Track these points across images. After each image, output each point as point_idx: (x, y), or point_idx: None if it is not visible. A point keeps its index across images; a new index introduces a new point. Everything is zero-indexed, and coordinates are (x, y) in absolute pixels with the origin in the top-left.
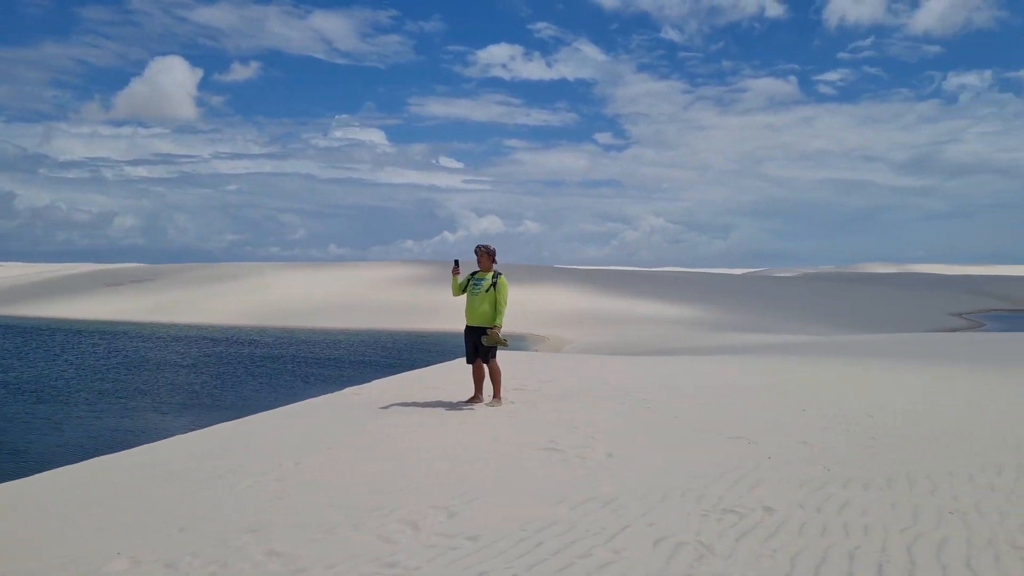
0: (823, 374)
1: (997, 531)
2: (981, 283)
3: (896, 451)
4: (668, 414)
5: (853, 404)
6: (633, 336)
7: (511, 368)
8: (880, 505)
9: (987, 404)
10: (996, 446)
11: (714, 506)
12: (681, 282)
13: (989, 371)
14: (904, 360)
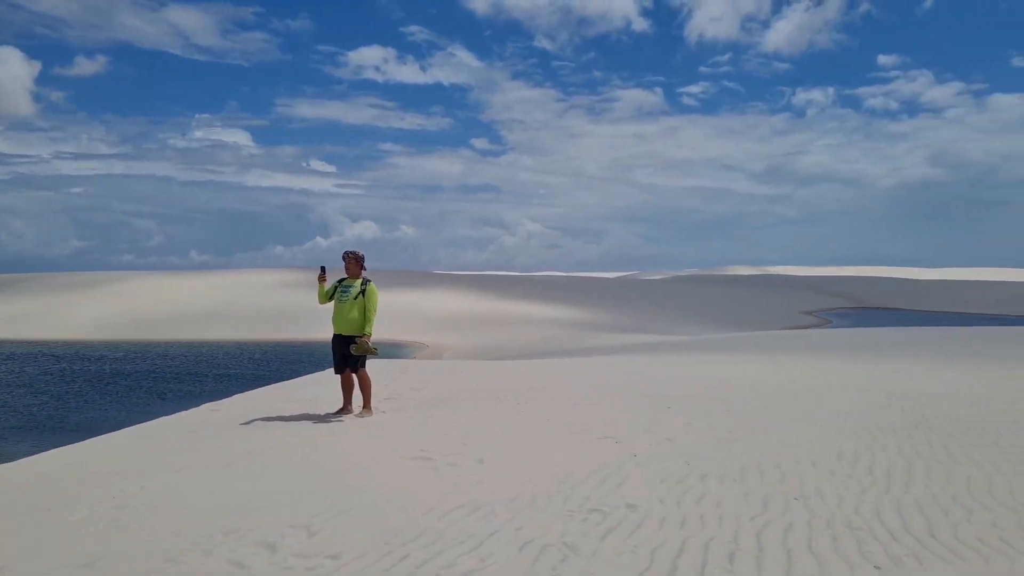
0: (687, 372)
1: (835, 513)
2: (829, 284)
3: (750, 443)
4: (541, 417)
5: (713, 400)
6: (514, 339)
7: (385, 377)
8: (734, 495)
9: (829, 394)
10: (836, 433)
11: (580, 506)
12: (559, 286)
13: (831, 362)
14: (759, 355)
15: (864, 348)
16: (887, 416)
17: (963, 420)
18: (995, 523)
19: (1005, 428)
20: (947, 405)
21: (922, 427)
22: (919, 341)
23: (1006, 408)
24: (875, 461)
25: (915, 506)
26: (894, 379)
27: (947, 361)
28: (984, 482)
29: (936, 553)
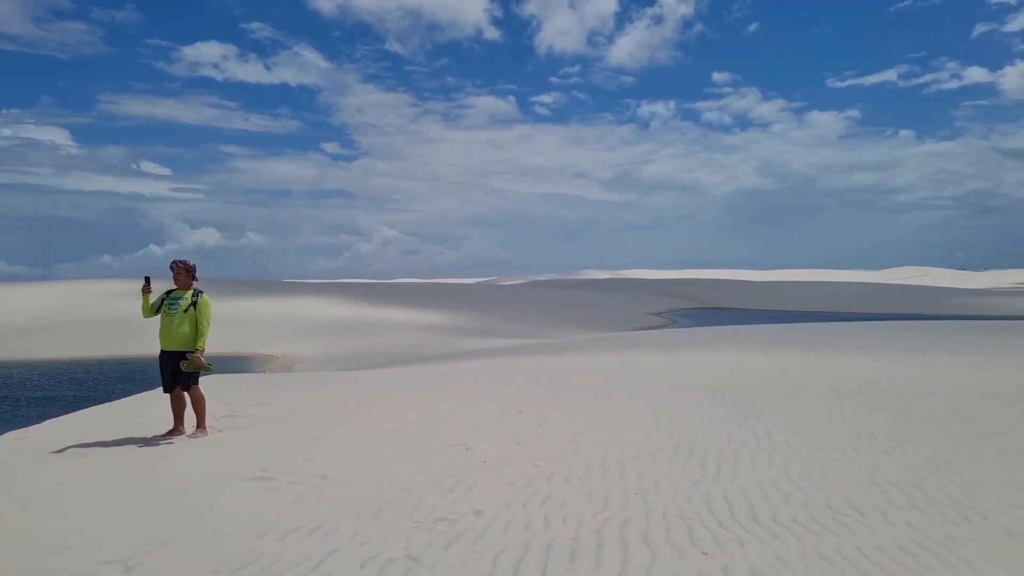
0: (541, 374)
1: (669, 505)
2: (674, 286)
3: (595, 442)
4: (392, 427)
5: (564, 402)
6: (374, 346)
7: (224, 394)
8: (578, 494)
9: (671, 391)
10: (676, 428)
11: (427, 516)
12: (419, 291)
13: (676, 359)
14: (611, 354)
15: (705, 344)
16: (721, 410)
17: (786, 410)
18: (807, 503)
19: (824, 416)
20: (774, 396)
21: (750, 418)
22: (753, 337)
23: (828, 397)
24: (707, 453)
25: (740, 493)
26: (730, 374)
27: (777, 353)
28: (800, 467)
29: (756, 535)
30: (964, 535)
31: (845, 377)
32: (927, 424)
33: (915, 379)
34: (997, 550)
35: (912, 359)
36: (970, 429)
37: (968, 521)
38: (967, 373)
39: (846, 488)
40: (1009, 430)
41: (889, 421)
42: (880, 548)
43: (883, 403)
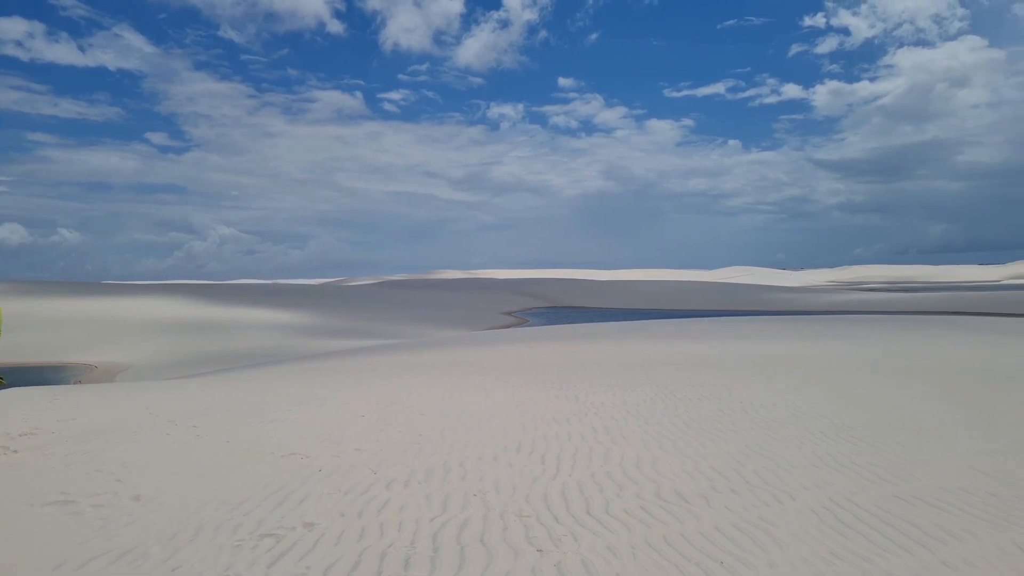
0: (392, 378)
1: (508, 504)
2: (525, 285)
3: (439, 444)
4: (220, 439)
5: (410, 404)
6: (212, 350)
7: (23, 409)
8: (416, 499)
9: (519, 391)
10: (518, 427)
11: (252, 533)
12: (266, 291)
13: (525, 358)
14: (463, 355)
15: (552, 342)
16: (565, 406)
17: (623, 405)
18: (639, 494)
19: (658, 409)
20: (613, 391)
21: (590, 414)
22: (597, 333)
23: (662, 391)
24: (548, 450)
25: (577, 487)
26: (574, 372)
27: (619, 348)
28: (634, 459)
29: (590, 528)
30: (775, 515)
31: (678, 365)
32: (748, 412)
33: (737, 368)
34: (802, 527)
35: (734, 349)
36: (783, 415)
37: (779, 502)
38: (781, 361)
39: (674, 477)
40: (819, 414)
41: (715, 411)
42: (702, 533)
43: (709, 394)
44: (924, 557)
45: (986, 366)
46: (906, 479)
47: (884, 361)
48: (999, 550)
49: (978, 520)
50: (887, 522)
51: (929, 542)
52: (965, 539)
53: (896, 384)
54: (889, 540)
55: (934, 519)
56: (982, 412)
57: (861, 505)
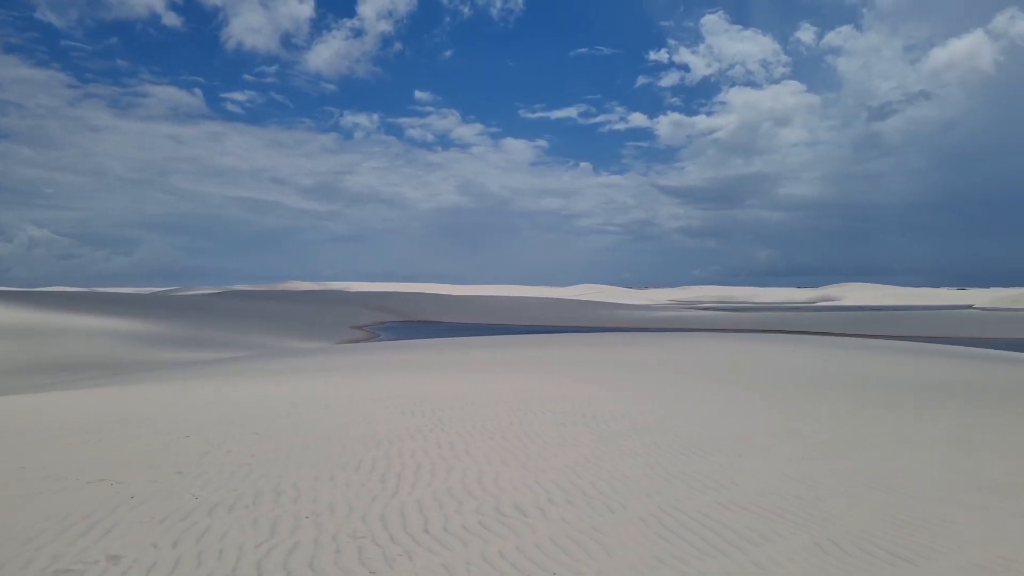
0: (225, 394)
1: (343, 525)
2: (378, 298)
3: (272, 465)
4: (14, 465)
5: (244, 423)
6: (28, 360)
7: None
8: (242, 524)
9: (365, 407)
10: (360, 444)
11: (44, 570)
12: (97, 299)
13: (372, 375)
14: (307, 370)
15: (402, 357)
16: (411, 422)
17: (471, 420)
18: (478, 510)
19: (504, 423)
20: (463, 406)
21: (436, 429)
22: (449, 346)
23: (515, 404)
24: (390, 467)
25: (416, 505)
26: (422, 388)
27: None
28: (477, 474)
29: (426, 546)
30: (607, 525)
31: (527, 382)
32: (590, 426)
33: (584, 382)
34: (631, 535)
35: (583, 363)
36: (623, 428)
37: (612, 512)
38: (625, 376)
39: (514, 491)
40: (657, 427)
41: (559, 425)
42: (537, 545)
43: (554, 407)
44: (738, 559)
45: (803, 377)
46: (727, 486)
47: (719, 372)
48: (801, 548)
49: (786, 522)
50: (708, 527)
51: (743, 544)
52: (774, 540)
53: (726, 396)
54: (708, 544)
55: (749, 523)
56: (795, 422)
57: (686, 512)
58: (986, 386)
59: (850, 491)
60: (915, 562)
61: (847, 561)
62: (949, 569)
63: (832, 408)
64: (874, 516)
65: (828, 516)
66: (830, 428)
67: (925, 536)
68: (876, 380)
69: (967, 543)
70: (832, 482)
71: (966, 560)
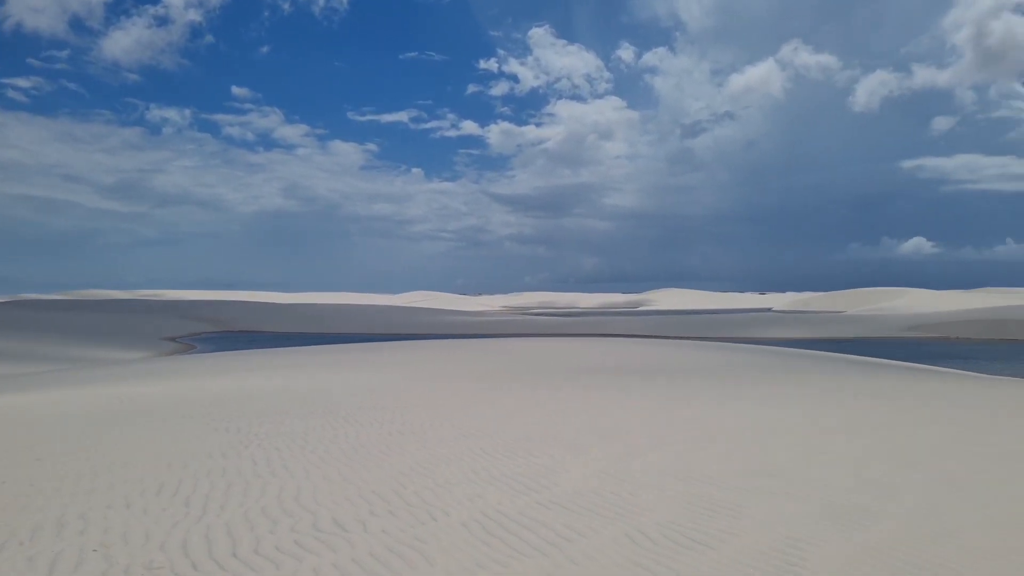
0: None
1: (137, 555)
2: (194, 308)
3: (54, 494)
4: None
5: (25, 447)
6: None
7: None
8: (14, 562)
9: (170, 425)
10: (166, 465)
11: None
12: None
13: (180, 387)
14: (110, 385)
15: (214, 369)
16: (221, 439)
17: (290, 434)
18: (294, 528)
19: (328, 436)
20: (280, 419)
21: (252, 446)
22: (270, 362)
23: (334, 415)
24: (196, 489)
25: (225, 528)
26: (234, 400)
27: (285, 375)
28: (294, 490)
29: (233, 571)
30: (429, 533)
31: (355, 391)
32: (416, 434)
33: (408, 392)
34: (453, 542)
35: (411, 372)
36: (448, 435)
37: (434, 519)
38: (452, 383)
39: (335, 505)
40: (481, 432)
41: (384, 435)
42: (355, 560)
43: (379, 417)
44: (556, 556)
45: (625, 372)
46: (548, 487)
47: (546, 373)
48: (613, 541)
49: (600, 517)
50: (528, 528)
51: (560, 542)
52: (589, 535)
53: (551, 398)
54: (527, 544)
55: (567, 521)
56: (611, 419)
57: (507, 514)
58: (784, 372)
59: (660, 484)
60: (714, 547)
61: (654, 550)
62: (743, 551)
63: (646, 404)
64: (680, 506)
65: (640, 509)
66: (644, 424)
67: (723, 522)
68: (682, 375)
69: (758, 525)
70: (644, 477)
71: (757, 541)
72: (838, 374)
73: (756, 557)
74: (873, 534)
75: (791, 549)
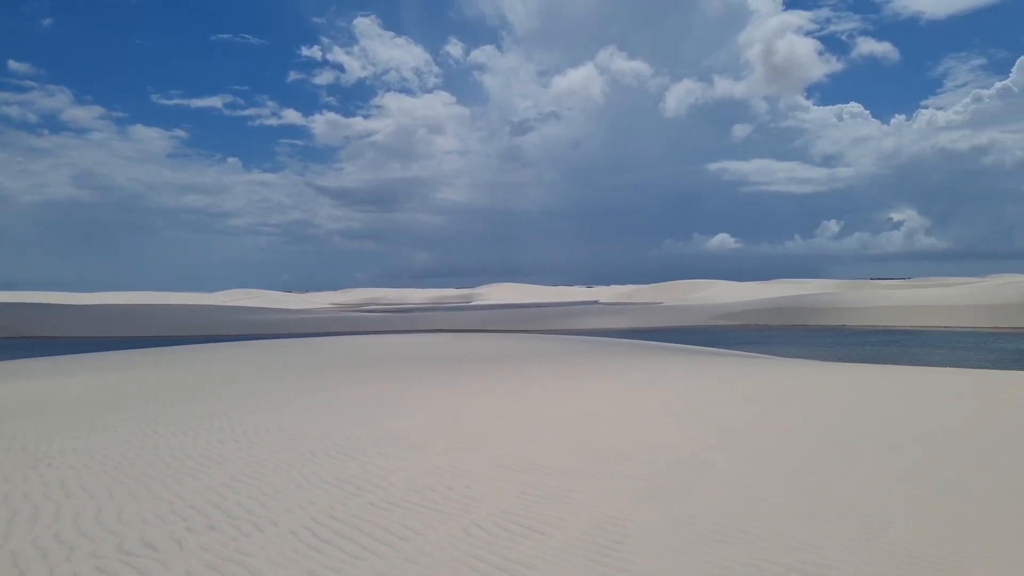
0: None
1: None
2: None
3: None
4: None
5: None
6: None
7: None
8: None
9: None
10: None
11: None
12: None
13: None
14: None
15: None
16: (2, 460)
17: (88, 449)
18: (95, 553)
19: (134, 450)
20: (74, 434)
21: (41, 465)
22: (63, 369)
23: (140, 430)
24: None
25: (10, 560)
26: (26, 414)
27: (90, 382)
28: (94, 512)
29: None
30: (255, 546)
31: (167, 397)
32: (239, 442)
33: (231, 396)
34: (281, 552)
35: (229, 376)
36: (277, 440)
37: (260, 530)
38: (283, 386)
39: (144, 525)
40: (312, 435)
41: (202, 444)
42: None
43: (197, 425)
44: (391, 557)
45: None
46: (384, 487)
47: (367, 371)
48: (450, 536)
49: (437, 513)
50: (362, 530)
51: (396, 542)
52: (425, 533)
53: (384, 395)
54: (361, 547)
55: (402, 520)
56: (441, 415)
57: (340, 519)
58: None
59: (495, 475)
60: (546, 532)
61: (490, 541)
62: (574, 533)
63: (480, 396)
64: (513, 496)
65: (475, 502)
66: (478, 417)
67: (554, 507)
68: (513, 365)
69: (585, 508)
70: (480, 469)
71: (586, 523)
72: (659, 361)
73: (584, 538)
74: (689, 506)
75: (615, 528)
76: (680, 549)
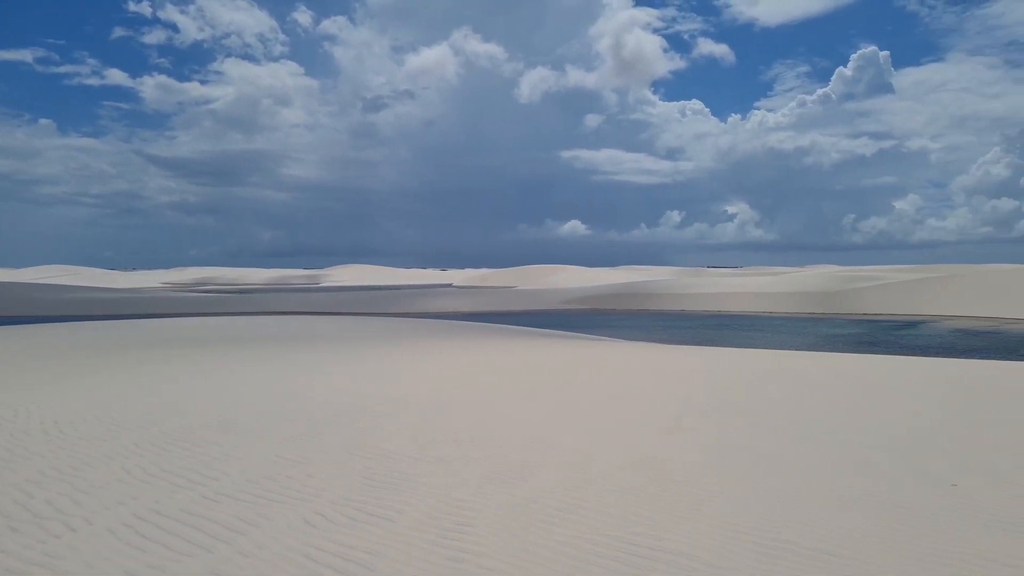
0: None
1: None
2: None
3: None
4: None
5: None
6: None
7: None
8: None
9: None
10: None
11: None
12: None
13: None
14: None
15: None
16: None
17: None
18: None
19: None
20: None
21: None
22: None
23: None
24: None
25: None
26: None
27: None
28: None
29: None
30: (64, 547)
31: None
32: (48, 433)
33: (37, 384)
34: (97, 552)
35: (30, 362)
36: (95, 431)
37: (72, 530)
38: (78, 368)
39: None
40: (135, 424)
41: (5, 436)
42: None
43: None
44: (222, 551)
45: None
46: (216, 477)
47: (198, 353)
48: (288, 527)
49: (274, 503)
50: (191, 525)
51: (228, 535)
52: (261, 524)
53: (215, 378)
54: (190, 543)
55: (235, 512)
56: (282, 399)
57: (166, 513)
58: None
59: (339, 461)
60: (392, 519)
61: (332, 530)
62: (419, 518)
63: (321, 379)
64: (358, 483)
65: (317, 490)
66: (322, 401)
67: (401, 493)
68: (357, 345)
69: (433, 492)
70: (322, 456)
71: (432, 507)
72: (510, 343)
73: (430, 522)
74: (533, 485)
75: (462, 511)
76: (525, 528)
